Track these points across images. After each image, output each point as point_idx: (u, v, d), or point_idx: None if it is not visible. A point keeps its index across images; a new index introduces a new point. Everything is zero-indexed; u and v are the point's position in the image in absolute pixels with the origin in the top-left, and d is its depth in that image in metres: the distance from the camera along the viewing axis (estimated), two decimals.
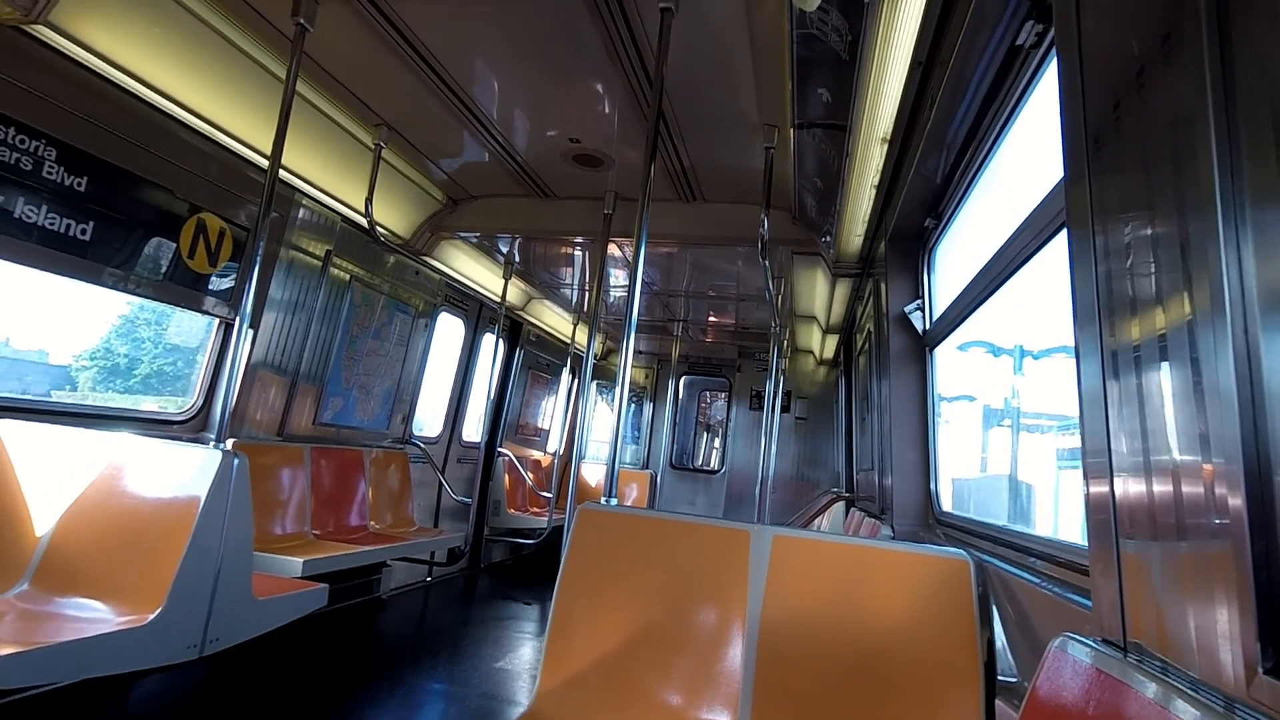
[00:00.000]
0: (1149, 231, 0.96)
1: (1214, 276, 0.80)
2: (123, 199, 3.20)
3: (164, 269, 3.45)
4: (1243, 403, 0.77)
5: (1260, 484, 0.75)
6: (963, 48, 2.01)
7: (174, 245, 3.48)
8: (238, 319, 2.81)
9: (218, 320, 3.88)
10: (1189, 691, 0.78)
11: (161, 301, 3.55)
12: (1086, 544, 1.14)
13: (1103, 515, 1.07)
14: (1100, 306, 1.09)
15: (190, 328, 4.10)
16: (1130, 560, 0.99)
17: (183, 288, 3.57)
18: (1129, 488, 1.01)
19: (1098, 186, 1.11)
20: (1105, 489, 1.07)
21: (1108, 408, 1.07)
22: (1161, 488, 0.92)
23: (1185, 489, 0.87)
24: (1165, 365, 0.92)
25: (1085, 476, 1.13)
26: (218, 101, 3.31)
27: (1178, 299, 0.89)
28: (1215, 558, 0.80)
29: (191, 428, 3.80)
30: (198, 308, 3.71)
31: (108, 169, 3.11)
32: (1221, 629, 0.78)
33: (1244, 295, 0.78)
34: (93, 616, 2.28)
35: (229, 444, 3.12)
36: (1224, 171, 0.80)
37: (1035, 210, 1.91)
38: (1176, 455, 0.89)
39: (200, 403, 3.86)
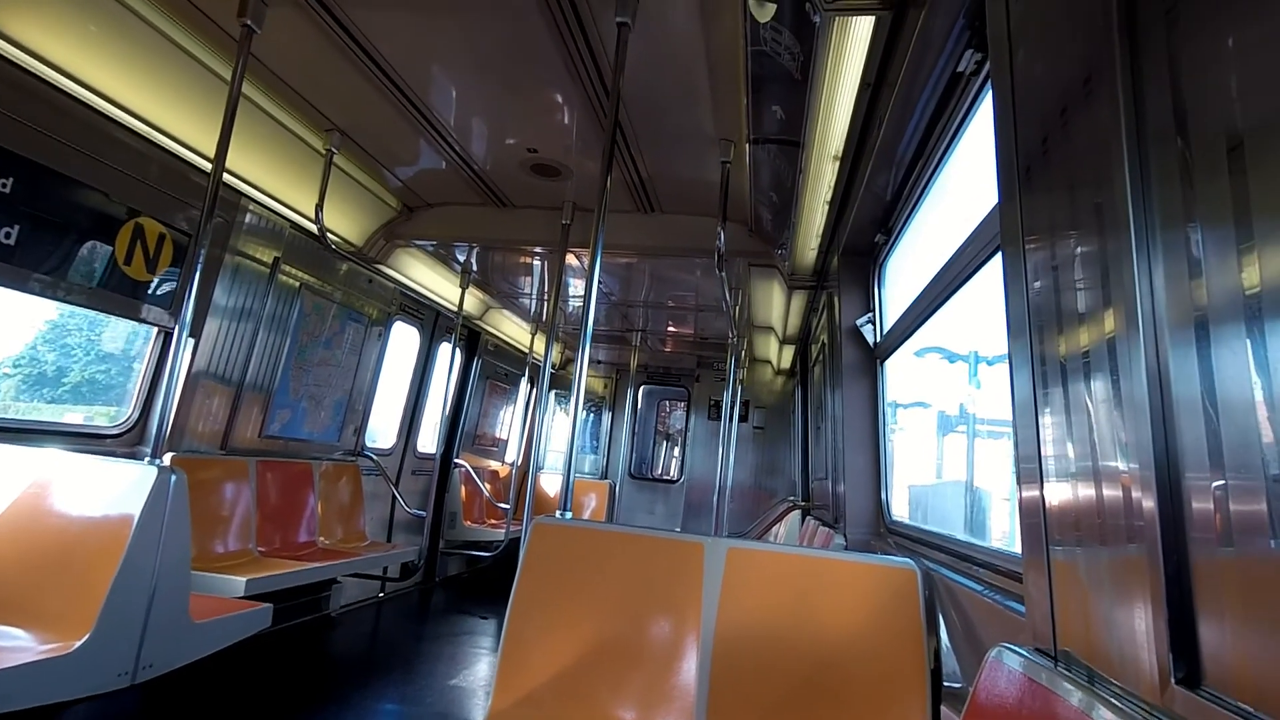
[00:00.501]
0: (1072, 253, 1.01)
1: (1128, 295, 0.85)
2: (53, 201, 3.05)
3: (98, 275, 3.31)
4: (1154, 413, 0.81)
5: (1171, 494, 0.79)
6: (909, 71, 2.08)
7: (109, 250, 3.34)
8: (177, 327, 2.71)
9: (156, 328, 3.74)
10: (1112, 701, 0.81)
11: (95, 309, 3.40)
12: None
13: (1034, 520, 1.11)
14: (1031, 321, 1.14)
15: (122, 333, 3.92)
16: (1060, 567, 1.03)
17: (118, 295, 3.42)
18: (1058, 494, 1.05)
19: (1028, 211, 1.16)
20: (1036, 494, 1.11)
21: (1038, 416, 1.11)
22: (1086, 494, 0.96)
23: (1106, 495, 0.91)
24: (1088, 377, 0.97)
25: (1018, 483, 1.18)
26: (159, 103, 3.20)
27: (1098, 315, 0.94)
28: (1133, 564, 0.84)
29: (126, 441, 3.64)
30: (135, 316, 3.56)
31: (36, 169, 2.96)
32: (1140, 638, 0.81)
33: (1155, 312, 0.83)
34: (13, 645, 2.15)
35: (166, 459, 3.00)
36: (1136, 199, 0.85)
37: (976, 230, 1.98)
38: (1099, 463, 0.93)
39: (136, 415, 3.69)
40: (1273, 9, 0.68)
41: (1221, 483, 0.72)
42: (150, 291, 3.58)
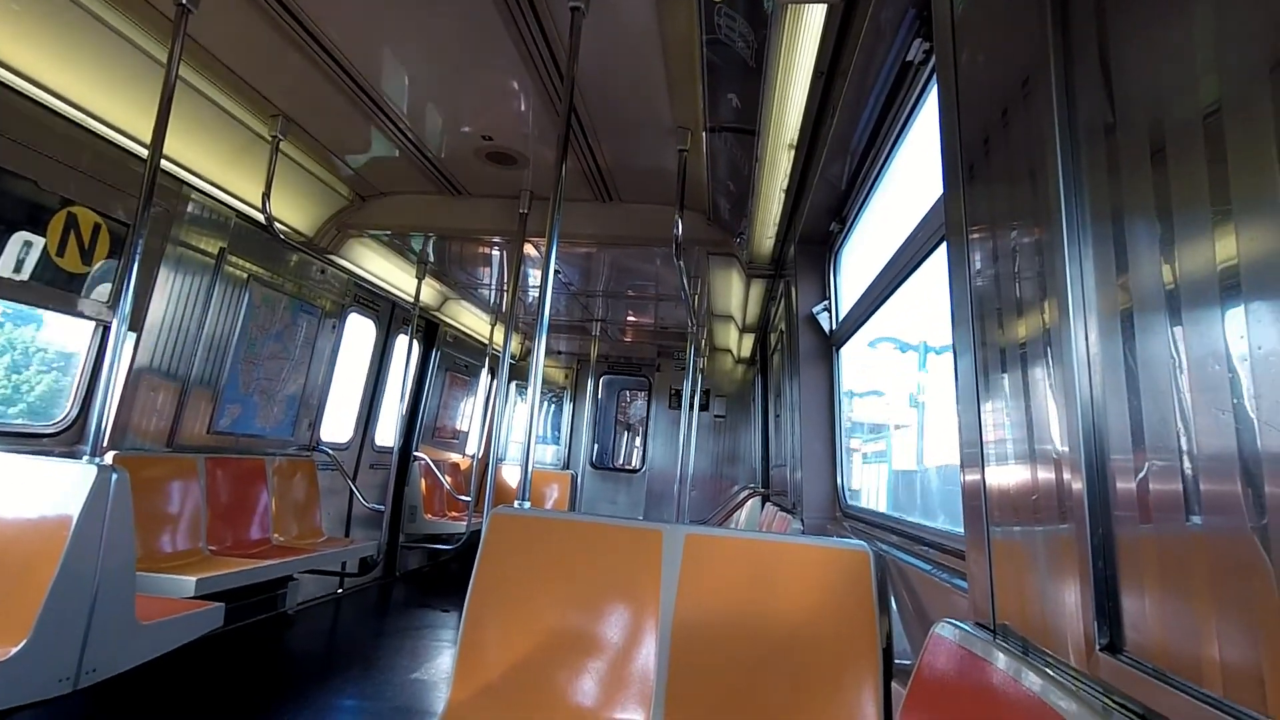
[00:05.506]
0: (1012, 245, 1.04)
1: (1061, 285, 0.89)
2: None
3: (28, 268, 3.15)
4: (1084, 397, 0.84)
5: (1098, 474, 0.82)
6: (860, 59, 2.10)
7: (40, 241, 3.19)
8: (115, 321, 2.61)
9: (94, 322, 3.59)
10: (1041, 667, 0.85)
11: (25, 304, 3.24)
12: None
13: (976, 502, 1.15)
14: (973, 309, 1.17)
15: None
16: (999, 545, 1.07)
17: (51, 288, 3.27)
18: (997, 476, 1.09)
19: (971, 202, 1.19)
20: (978, 477, 1.14)
21: (980, 401, 1.15)
22: (1023, 476, 1.00)
23: (1041, 477, 0.95)
24: (1026, 363, 1.00)
25: (961, 466, 1.21)
26: (91, 86, 3.06)
27: (1035, 304, 0.98)
28: (1064, 541, 0.88)
29: (64, 440, 3.49)
30: (70, 309, 3.40)
31: None
32: (1069, 609, 0.85)
33: (1085, 301, 0.86)
34: None
35: (108, 457, 2.90)
36: (1069, 195, 0.89)
37: (924, 219, 2.02)
38: (1035, 446, 0.97)
39: (75, 413, 3.55)
40: (1189, 16, 0.71)
41: (1143, 464, 0.76)
42: (86, 284, 3.43)
